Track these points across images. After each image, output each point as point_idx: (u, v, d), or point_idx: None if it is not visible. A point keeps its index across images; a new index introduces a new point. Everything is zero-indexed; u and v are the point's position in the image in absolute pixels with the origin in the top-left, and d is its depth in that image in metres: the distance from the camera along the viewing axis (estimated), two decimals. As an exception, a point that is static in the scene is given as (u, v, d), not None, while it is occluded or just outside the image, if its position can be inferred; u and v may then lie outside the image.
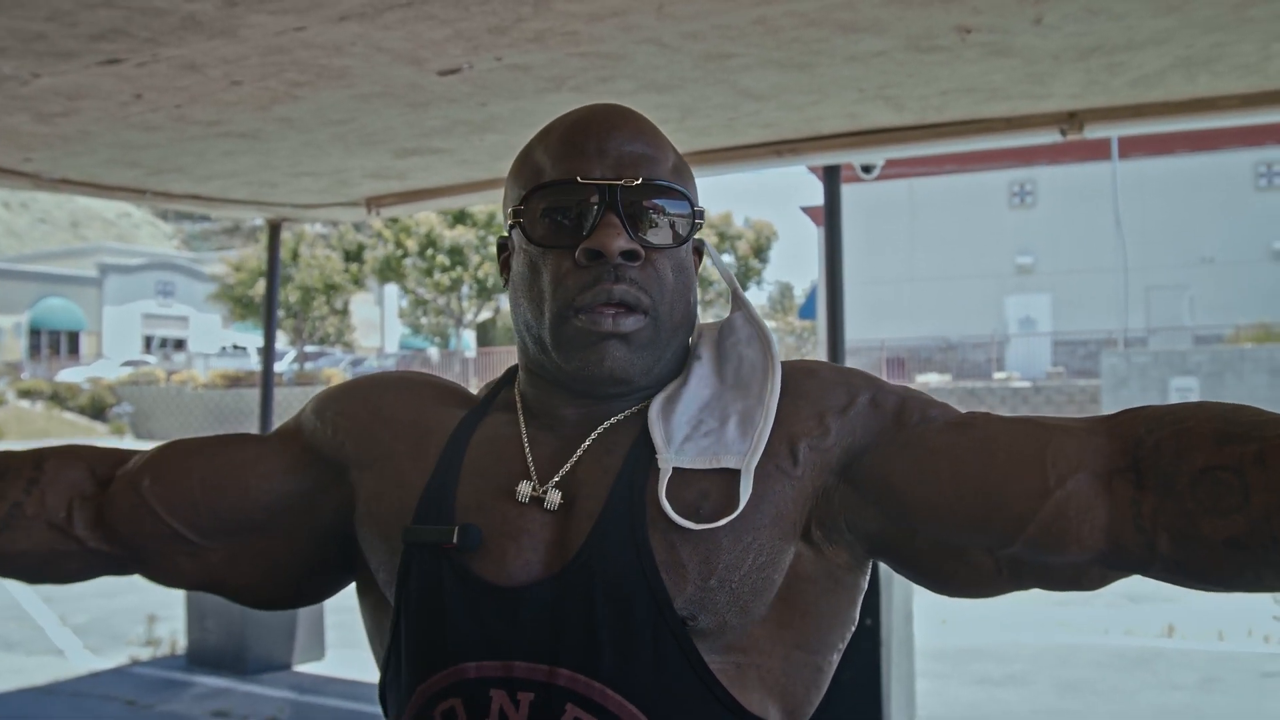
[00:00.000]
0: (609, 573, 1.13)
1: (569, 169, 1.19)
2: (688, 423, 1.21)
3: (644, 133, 1.23)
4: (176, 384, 40.08)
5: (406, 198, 5.87)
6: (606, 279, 1.16)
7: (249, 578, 1.38)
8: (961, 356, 32.63)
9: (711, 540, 1.14)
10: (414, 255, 38.16)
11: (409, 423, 1.30)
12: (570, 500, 1.19)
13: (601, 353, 1.17)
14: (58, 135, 4.33)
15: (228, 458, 1.37)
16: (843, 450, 1.19)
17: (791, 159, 4.85)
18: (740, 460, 1.17)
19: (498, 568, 1.16)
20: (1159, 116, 4.15)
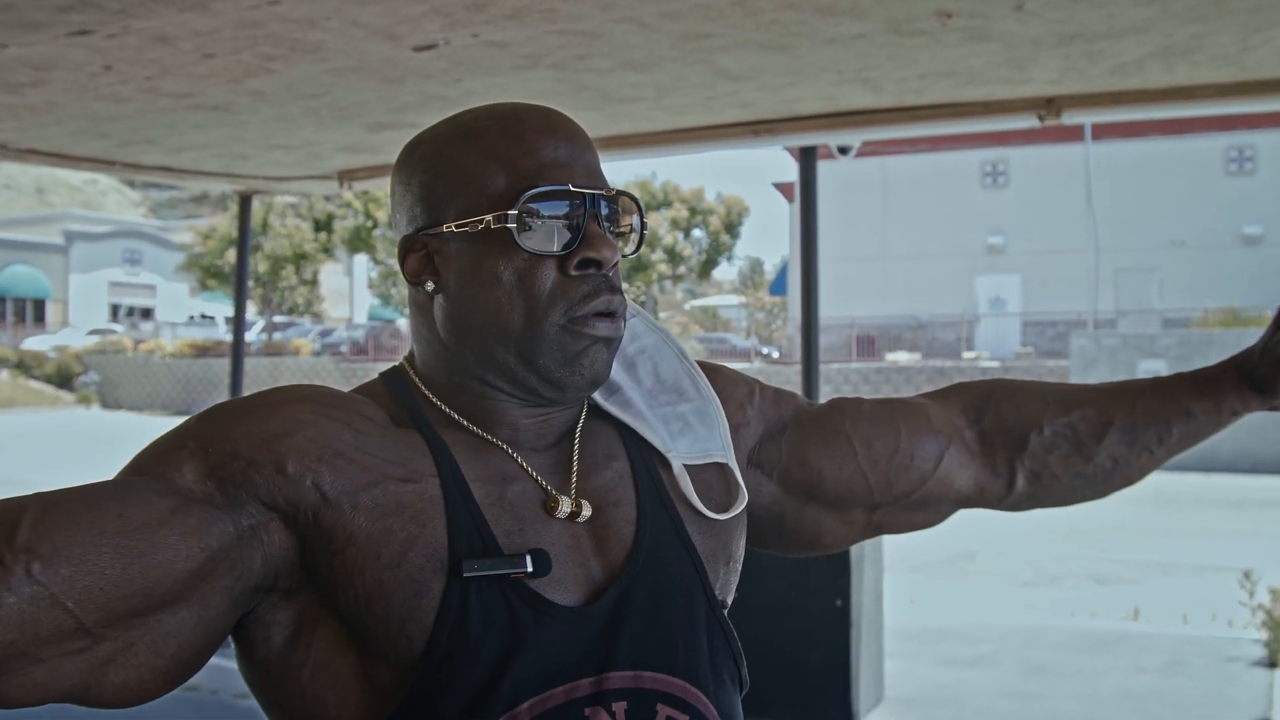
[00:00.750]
0: (669, 571, 1.20)
1: (554, 176, 1.17)
2: (659, 423, 1.30)
3: (590, 143, 1.25)
4: (144, 353, 39.86)
5: (379, 171, 5.82)
6: (603, 289, 1.18)
7: (138, 670, 1.07)
8: (931, 335, 32.77)
9: (725, 528, 1.28)
10: (384, 226, 37.99)
11: (381, 450, 1.15)
12: (597, 509, 1.21)
13: (591, 358, 1.19)
14: (25, 106, 4.27)
15: (141, 513, 1.04)
16: (753, 435, 1.40)
17: (768, 139, 4.83)
18: (723, 454, 1.31)
19: (561, 590, 1.14)
20: (1136, 104, 4.15)
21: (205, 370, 37.53)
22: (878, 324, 32.83)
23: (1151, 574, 10.14)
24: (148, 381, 38.85)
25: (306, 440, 1.12)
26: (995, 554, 11.09)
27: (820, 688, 5.49)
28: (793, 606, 5.42)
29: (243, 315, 7.10)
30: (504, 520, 1.15)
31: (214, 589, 1.08)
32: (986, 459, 1.46)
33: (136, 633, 1.05)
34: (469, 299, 1.18)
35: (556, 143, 1.20)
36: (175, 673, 1.09)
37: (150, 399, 38.49)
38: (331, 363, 35.99)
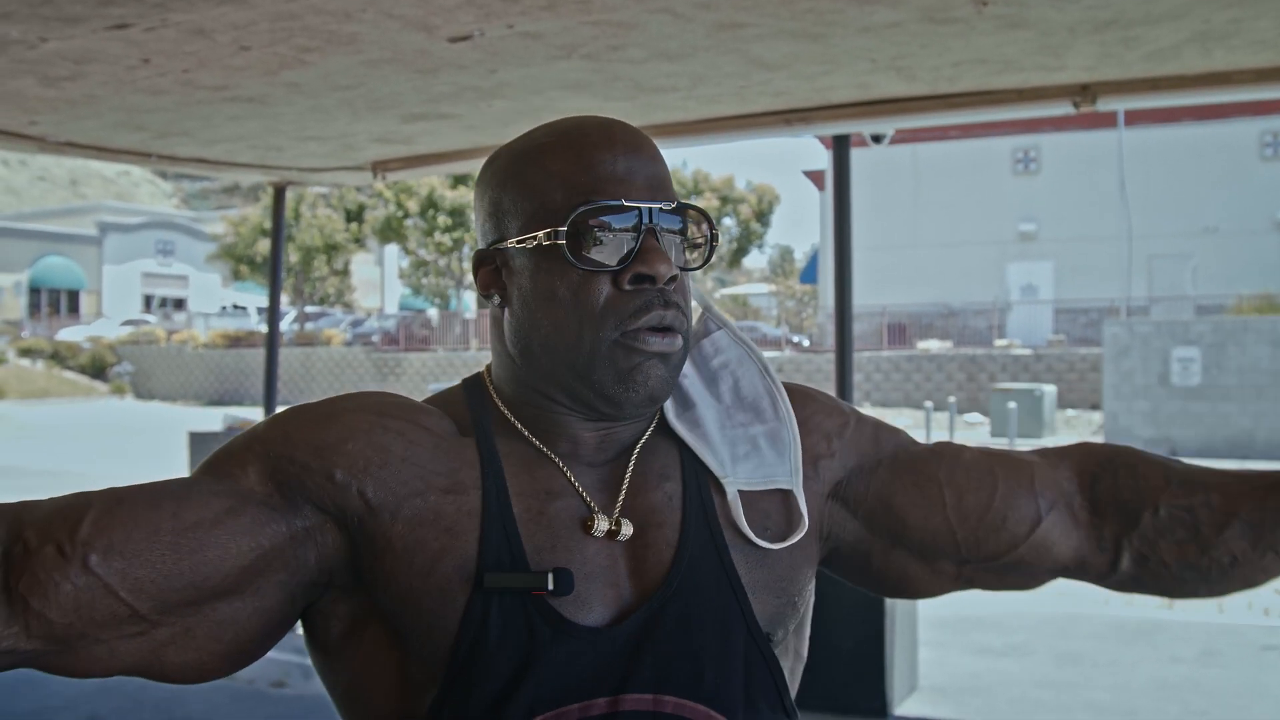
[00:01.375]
0: (705, 597, 1.17)
1: (610, 191, 1.17)
2: (724, 445, 1.26)
3: (658, 155, 1.23)
4: (177, 343, 40.12)
5: (412, 162, 5.85)
6: (656, 304, 1.17)
7: (197, 652, 1.14)
8: (963, 323, 32.63)
9: (781, 560, 1.23)
10: (415, 216, 38.10)
11: (432, 465, 1.19)
12: (640, 529, 1.19)
13: (646, 374, 1.17)
14: (64, 99, 4.31)
15: (196, 514, 1.12)
16: (841, 468, 1.31)
17: (801, 128, 4.82)
18: (789, 480, 1.25)
19: (585, 608, 1.15)
20: (1173, 90, 4.12)
21: (237, 360, 37.75)
22: (909, 312, 32.71)
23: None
24: (180, 372, 39.10)
25: (357, 450, 1.17)
26: (1028, 542, 11.07)
27: (854, 676, 5.50)
28: (826, 595, 5.40)
29: (277, 306, 7.15)
30: (539, 535, 1.16)
31: (269, 583, 1.16)
32: (1093, 530, 1.31)
33: (192, 620, 1.13)
34: (529, 314, 1.20)
35: (615, 157, 1.18)
36: (233, 657, 1.17)
37: (183, 389, 38.75)
38: (363, 353, 36.13)
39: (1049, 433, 23.03)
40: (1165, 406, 20.83)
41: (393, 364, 35.40)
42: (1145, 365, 21.03)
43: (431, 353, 35.34)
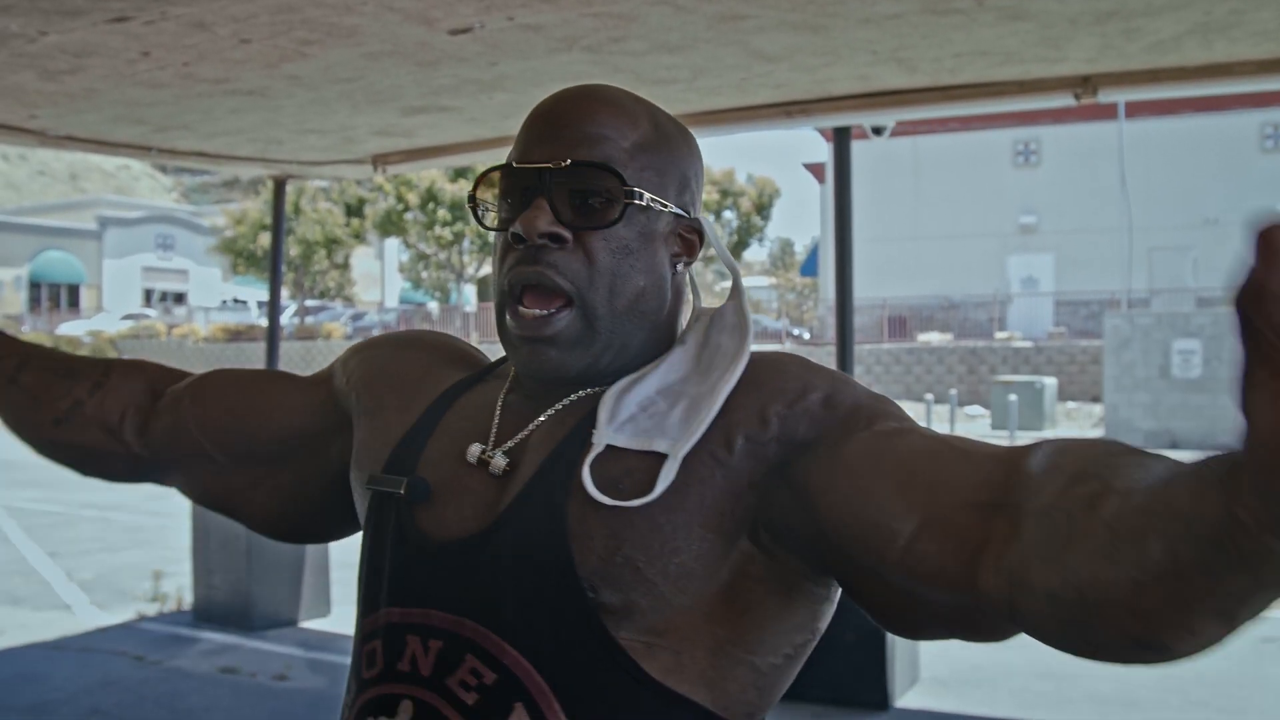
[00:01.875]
0: (521, 534, 1.15)
1: (517, 154, 1.22)
2: (638, 404, 1.20)
3: (598, 113, 1.21)
4: (177, 337, 40.11)
5: (413, 155, 5.85)
6: (528, 260, 1.18)
7: (263, 507, 1.49)
8: (963, 316, 32.63)
9: (622, 518, 1.12)
10: (415, 209, 38.08)
11: (410, 380, 1.36)
12: (514, 467, 1.21)
13: (533, 355, 1.19)
14: (63, 93, 4.30)
15: (259, 390, 1.50)
16: (781, 446, 1.13)
17: (802, 120, 4.82)
18: (670, 445, 1.14)
19: (437, 523, 1.21)
20: (1174, 82, 4.12)
21: (238, 354, 37.74)
22: (909, 305, 32.70)
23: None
24: (181, 365, 38.84)
25: (362, 365, 1.42)
26: (1029, 535, 11.08)
27: (855, 668, 5.50)
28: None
29: (278, 299, 7.14)
30: (435, 451, 1.26)
31: (307, 463, 1.46)
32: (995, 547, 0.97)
33: (255, 474, 1.48)
34: None
35: (538, 120, 1.23)
36: (292, 521, 1.51)
37: (184, 383, 38.76)
38: (363, 346, 36.13)
39: (1050, 425, 23.04)
40: (1166, 399, 20.84)
41: (393, 358, 35.39)
42: (1146, 358, 21.04)
43: (432, 346, 35.31)
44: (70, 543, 10.45)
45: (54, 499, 13.60)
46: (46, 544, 10.38)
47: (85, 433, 1.52)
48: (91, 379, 1.54)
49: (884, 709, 5.53)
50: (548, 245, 1.17)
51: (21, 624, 7.31)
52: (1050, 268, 32.74)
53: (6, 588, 8.49)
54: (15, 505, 13.05)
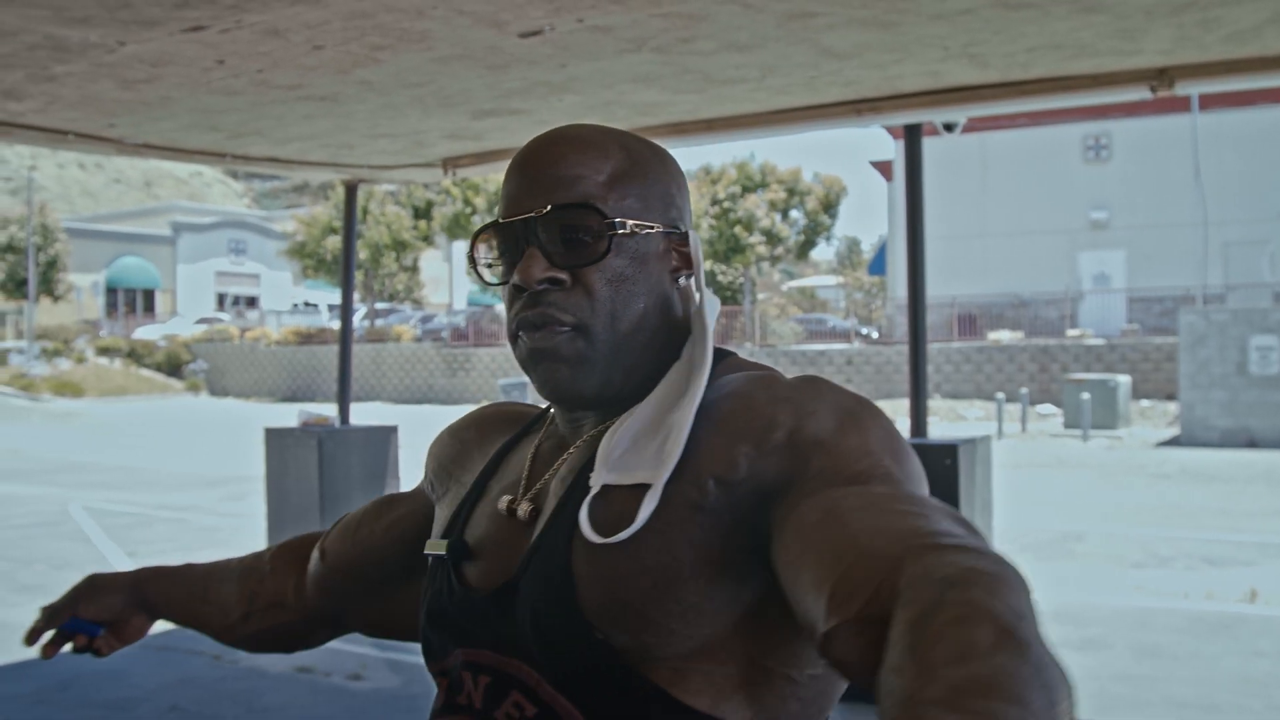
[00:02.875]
0: (536, 579, 1.21)
1: (502, 208, 1.27)
2: (630, 437, 1.22)
3: (567, 155, 1.25)
4: (250, 341, 40.64)
5: (483, 158, 5.88)
6: (528, 305, 1.23)
7: (408, 618, 1.54)
8: (1034, 313, 32.27)
9: (609, 558, 1.15)
10: (482, 212, 38.30)
11: (465, 457, 1.47)
12: (538, 512, 1.29)
13: (544, 374, 1.25)
14: (141, 101, 4.37)
15: (377, 515, 1.59)
16: (754, 488, 1.12)
17: (872, 118, 4.79)
18: (650, 475, 1.15)
19: (482, 574, 1.30)
20: (1253, 73, 4.05)
21: (309, 357, 38.17)
22: (979, 303, 32.40)
23: (1268, 555, 9.89)
24: (253, 369, 39.63)
25: (432, 460, 1.52)
26: (1104, 535, 10.90)
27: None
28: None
29: (350, 302, 7.21)
30: (479, 511, 1.36)
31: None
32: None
33: (404, 593, 1.55)
34: None
35: (516, 175, 1.28)
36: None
37: (256, 386, 39.27)
38: (433, 348, 36.38)
39: (1123, 424, 22.74)
40: (1243, 396, 20.48)
41: (462, 359, 35.62)
42: (1222, 354, 20.69)
43: (500, 348, 35.52)
44: (147, 543, 10.61)
45: (131, 500, 13.84)
46: (125, 544, 10.55)
47: (268, 616, 1.66)
48: (259, 570, 1.69)
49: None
50: (547, 289, 1.22)
51: (102, 624, 7.44)
52: (1122, 264, 32.29)
53: (87, 588, 8.64)
54: (94, 506, 13.28)
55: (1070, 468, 16.60)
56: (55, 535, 11.17)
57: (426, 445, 1.60)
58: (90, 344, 41.30)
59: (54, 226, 44.36)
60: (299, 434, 7.07)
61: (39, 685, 6.02)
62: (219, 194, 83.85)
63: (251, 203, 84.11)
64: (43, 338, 41.24)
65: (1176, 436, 21.50)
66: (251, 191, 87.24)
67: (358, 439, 7.20)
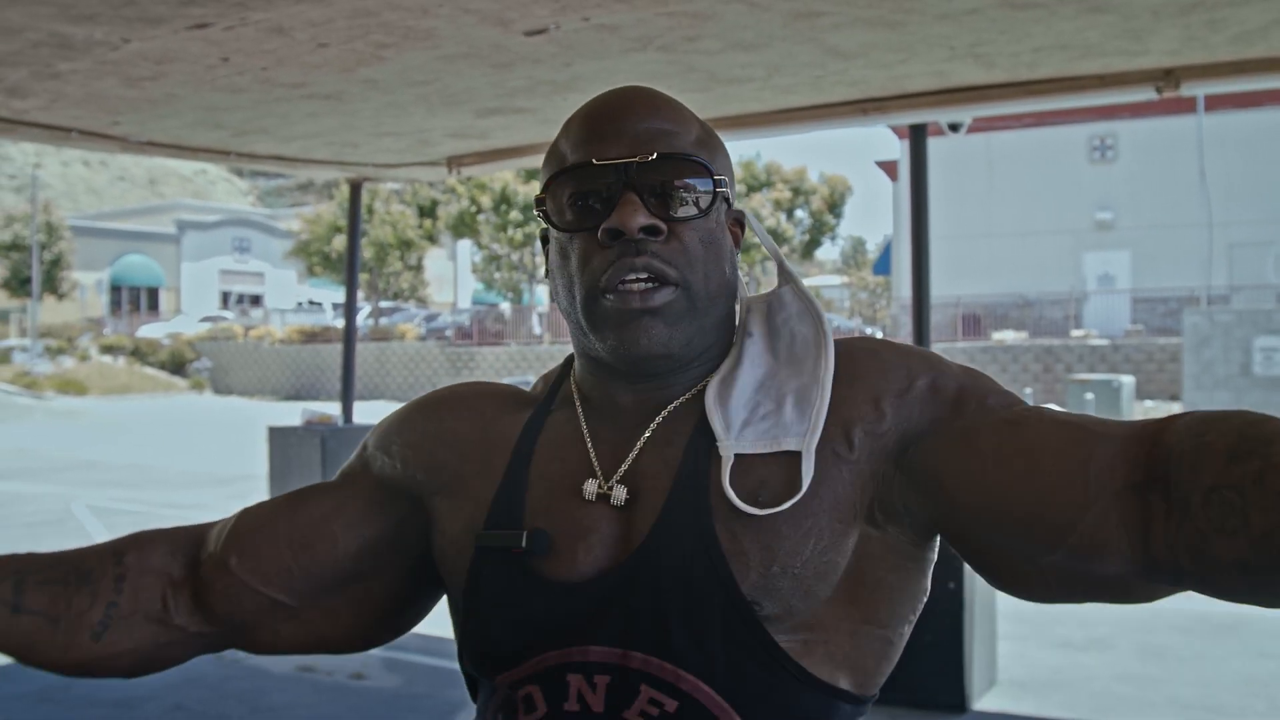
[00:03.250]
0: (676, 561, 1.15)
1: (586, 152, 1.19)
2: (744, 406, 1.21)
3: (660, 109, 1.22)
4: (254, 339, 40.65)
5: (487, 157, 5.87)
6: (628, 254, 1.16)
7: (350, 627, 1.39)
8: (1039, 314, 32.24)
9: (772, 527, 1.15)
10: (488, 211, 38.32)
11: (474, 440, 1.33)
12: (635, 494, 1.21)
13: (636, 331, 1.17)
14: (145, 99, 4.37)
15: (308, 515, 1.37)
16: (899, 435, 1.18)
17: (878, 117, 4.78)
18: (800, 441, 1.17)
19: (568, 566, 1.20)
20: (1260, 73, 4.04)
21: (313, 356, 38.18)
22: (983, 302, 32.37)
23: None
24: (258, 367, 39.63)
25: (413, 439, 1.36)
26: (1108, 535, 10.92)
27: (933, 670, 5.45)
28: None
29: (354, 301, 7.21)
30: (541, 497, 1.24)
31: (387, 564, 1.37)
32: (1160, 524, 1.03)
33: (333, 602, 1.37)
34: (553, 283, 1.26)
35: (600, 119, 1.22)
36: (384, 625, 1.41)
37: (260, 384, 39.28)
38: (437, 347, 36.40)
39: (1128, 424, 22.68)
40: (1247, 397, 20.46)
41: (466, 358, 35.63)
42: (1226, 355, 20.67)
43: (505, 347, 35.55)
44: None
45: (135, 499, 13.85)
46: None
47: (132, 634, 1.33)
48: (109, 573, 1.34)
49: (962, 711, 5.48)
50: (644, 239, 1.17)
51: (105, 621, 7.45)
52: (1127, 264, 32.26)
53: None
54: (99, 505, 13.30)
55: (1074, 468, 16.55)
56: (59, 534, 11.18)
57: None
58: (94, 342, 41.32)
59: (58, 224, 44.38)
60: (302, 432, 7.08)
61: (44, 684, 6.02)
62: (224, 192, 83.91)
63: (256, 201, 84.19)
64: (46, 336, 41.29)
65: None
66: (256, 189, 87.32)
67: (360, 437, 7.18)
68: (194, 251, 54.51)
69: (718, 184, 1.21)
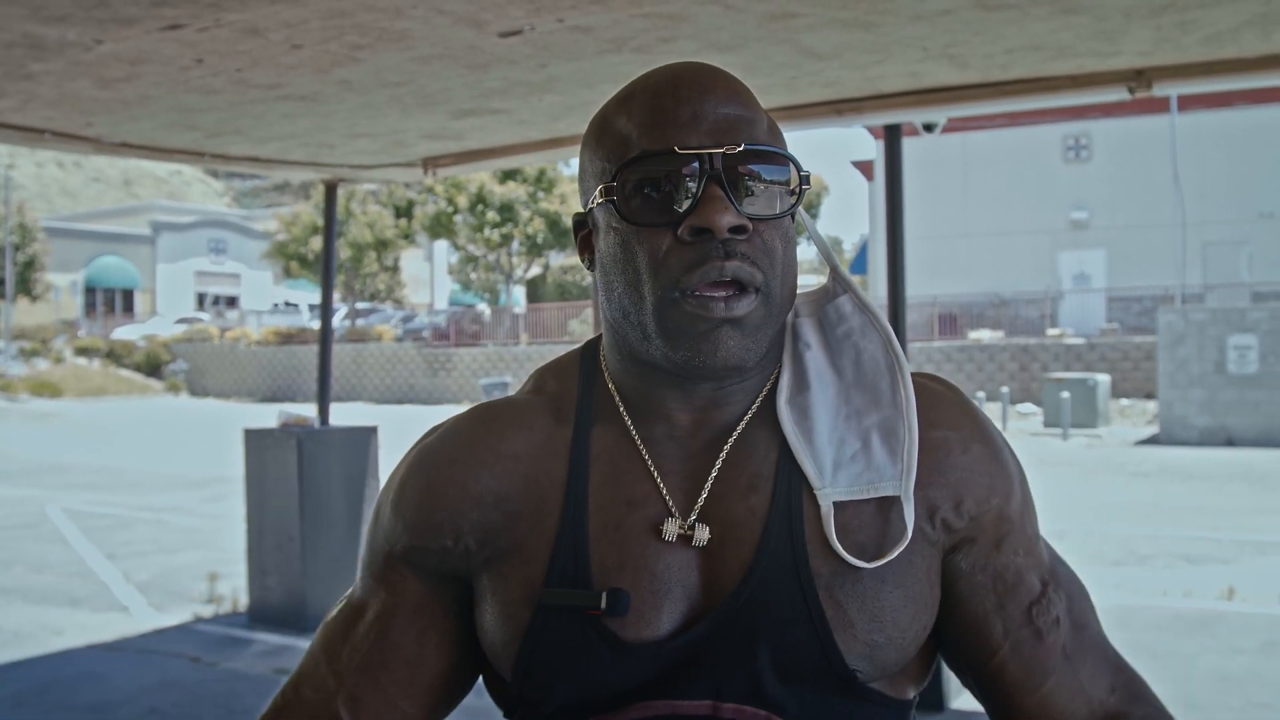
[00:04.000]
0: (775, 623, 1.08)
1: (664, 138, 1.08)
2: (830, 442, 1.13)
3: (739, 94, 1.11)
4: (230, 341, 40.51)
5: (463, 158, 5.87)
6: (716, 255, 1.06)
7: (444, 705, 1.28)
8: (1014, 313, 32.36)
9: (876, 595, 1.10)
10: (464, 211, 38.25)
11: (517, 493, 1.19)
12: (718, 534, 1.12)
13: (715, 341, 1.07)
14: (119, 100, 4.35)
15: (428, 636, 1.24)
16: (962, 539, 1.16)
17: (853, 118, 4.79)
18: (896, 485, 1.11)
19: (649, 624, 1.11)
20: (1230, 74, 4.07)
21: (290, 357, 38.06)
22: (960, 302, 32.48)
23: (1246, 553, 9.95)
24: (234, 369, 39.49)
25: (452, 516, 1.20)
26: (1083, 533, 10.94)
27: (910, 669, 5.46)
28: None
29: (330, 302, 7.19)
30: (610, 549, 1.13)
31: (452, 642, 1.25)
32: None
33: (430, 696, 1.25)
34: (606, 277, 1.14)
35: (677, 103, 1.09)
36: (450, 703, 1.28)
37: (236, 386, 39.14)
38: (414, 348, 36.31)
39: (1103, 422, 22.82)
40: (1221, 395, 20.59)
41: (443, 359, 35.56)
42: (1201, 353, 20.78)
43: (482, 347, 35.49)
44: (127, 545, 10.56)
45: (111, 501, 13.77)
46: (104, 546, 10.50)
47: None
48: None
49: (939, 710, 5.49)
50: (731, 239, 1.06)
51: (80, 625, 7.40)
52: (1102, 263, 32.42)
53: (66, 589, 8.60)
54: (73, 508, 13.21)
55: (1050, 466, 16.65)
56: (34, 538, 11.12)
57: (406, 446, 1.31)
58: (69, 344, 41.10)
59: (32, 226, 44.11)
60: (278, 435, 7.04)
61: (18, 689, 5.99)
62: (199, 193, 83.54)
63: (232, 202, 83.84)
64: (20, 338, 41.04)
65: (1155, 435, 21.59)
66: (232, 190, 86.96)
67: (337, 440, 7.17)
68: (169, 253, 54.27)
69: (803, 179, 1.12)
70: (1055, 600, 1.20)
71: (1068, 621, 1.20)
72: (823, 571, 1.09)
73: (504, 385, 28.13)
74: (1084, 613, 1.23)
